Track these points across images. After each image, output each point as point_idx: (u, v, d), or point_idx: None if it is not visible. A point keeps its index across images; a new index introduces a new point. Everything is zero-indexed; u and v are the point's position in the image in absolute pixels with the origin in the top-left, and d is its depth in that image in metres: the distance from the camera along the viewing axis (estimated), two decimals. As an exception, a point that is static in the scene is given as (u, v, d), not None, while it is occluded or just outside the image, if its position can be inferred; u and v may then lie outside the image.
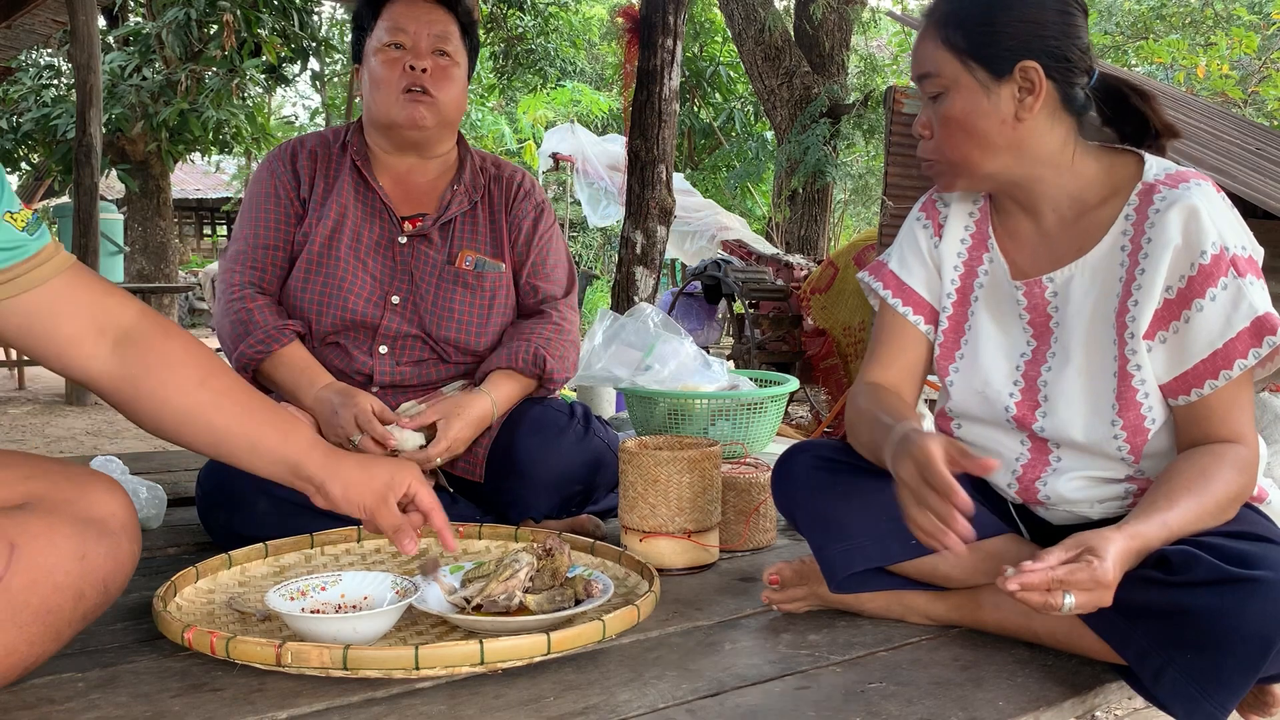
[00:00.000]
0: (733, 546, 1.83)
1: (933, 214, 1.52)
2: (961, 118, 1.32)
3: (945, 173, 1.39)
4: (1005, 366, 1.40)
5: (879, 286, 1.53)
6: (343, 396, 1.71)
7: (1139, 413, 1.29)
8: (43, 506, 1.09)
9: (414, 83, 1.80)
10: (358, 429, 1.67)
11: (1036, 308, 1.39)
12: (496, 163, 2.03)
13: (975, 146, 1.33)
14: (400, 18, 1.82)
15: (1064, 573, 1.09)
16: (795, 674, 1.26)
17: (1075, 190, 1.36)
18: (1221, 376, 1.24)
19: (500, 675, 1.21)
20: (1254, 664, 1.10)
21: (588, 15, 14.92)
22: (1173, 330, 1.26)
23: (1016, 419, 1.39)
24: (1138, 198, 1.30)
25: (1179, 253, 1.24)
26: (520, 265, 1.95)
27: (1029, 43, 1.29)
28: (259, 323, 1.76)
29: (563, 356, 1.89)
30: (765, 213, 12.16)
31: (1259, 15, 10.92)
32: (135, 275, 8.99)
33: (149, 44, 8.71)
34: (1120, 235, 1.31)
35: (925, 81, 1.36)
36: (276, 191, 1.87)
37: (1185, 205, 1.24)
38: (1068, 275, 1.36)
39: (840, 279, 4.86)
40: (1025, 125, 1.31)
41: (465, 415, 1.74)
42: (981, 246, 1.46)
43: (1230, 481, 1.22)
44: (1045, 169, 1.35)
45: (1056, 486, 1.37)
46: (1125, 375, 1.29)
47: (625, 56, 6.74)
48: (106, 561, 1.11)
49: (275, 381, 1.79)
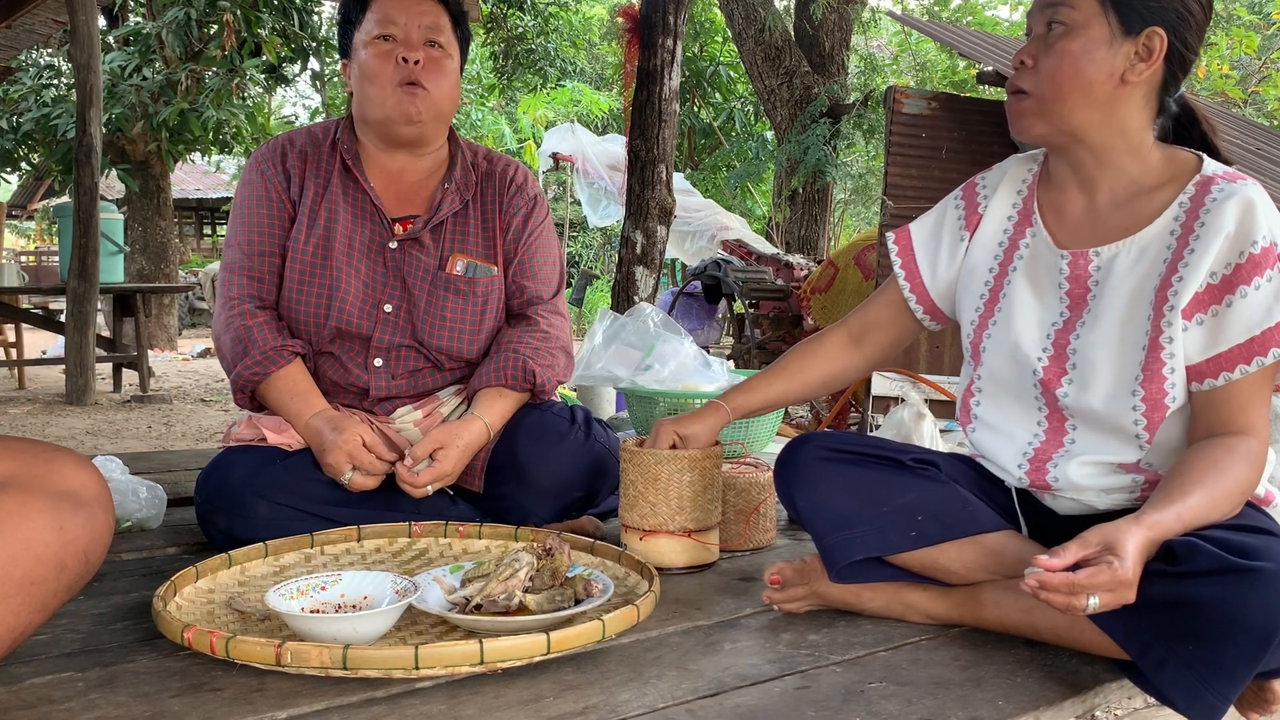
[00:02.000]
0: (733, 546, 1.83)
1: (971, 201, 1.54)
2: (1078, 56, 1.32)
3: (1030, 111, 1.38)
4: (1036, 334, 1.42)
5: (895, 254, 1.59)
6: (333, 429, 1.68)
7: (1161, 387, 1.30)
8: (14, 483, 1.10)
9: (407, 75, 1.77)
10: (350, 466, 1.66)
11: (1078, 279, 1.40)
12: (489, 157, 1.98)
13: (1075, 88, 1.33)
14: (390, 9, 1.78)
15: (1085, 576, 1.09)
16: (795, 674, 1.26)
17: (1136, 173, 1.38)
18: (1255, 363, 1.25)
19: (500, 675, 1.21)
20: (1255, 655, 1.10)
21: (588, 15, 14.91)
22: (1211, 314, 1.28)
23: (1043, 382, 1.39)
24: (1194, 188, 1.32)
25: (1230, 240, 1.26)
26: (509, 262, 1.92)
27: (1165, 13, 1.31)
28: (257, 342, 1.75)
29: (551, 364, 1.86)
30: (765, 213, 12.16)
31: (1259, 15, 10.93)
32: (135, 275, 8.98)
33: (149, 44, 8.70)
34: (1172, 220, 1.33)
35: (1054, 10, 1.34)
36: (268, 194, 1.84)
37: (1243, 197, 1.27)
38: (1114, 252, 1.37)
39: (840, 279, 4.86)
40: (1126, 90, 1.33)
41: (460, 444, 1.72)
42: (1026, 222, 1.48)
43: (1240, 474, 1.23)
44: (1121, 142, 1.36)
45: (1067, 470, 1.37)
46: (1156, 347, 1.30)
47: (625, 56, 6.75)
48: (85, 532, 1.12)
49: (270, 403, 1.78)
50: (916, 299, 1.57)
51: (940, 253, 1.55)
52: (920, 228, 1.59)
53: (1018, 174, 1.51)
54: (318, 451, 1.70)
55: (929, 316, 1.59)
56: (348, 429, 1.68)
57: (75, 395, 6.00)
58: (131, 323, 6.67)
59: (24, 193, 18.62)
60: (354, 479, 1.67)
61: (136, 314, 6.57)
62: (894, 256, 1.59)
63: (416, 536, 1.67)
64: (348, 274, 1.80)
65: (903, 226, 1.62)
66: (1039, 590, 1.10)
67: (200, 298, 13.34)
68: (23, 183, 17.09)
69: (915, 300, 1.57)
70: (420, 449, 1.70)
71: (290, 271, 1.81)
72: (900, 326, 1.62)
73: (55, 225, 9.69)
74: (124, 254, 7.04)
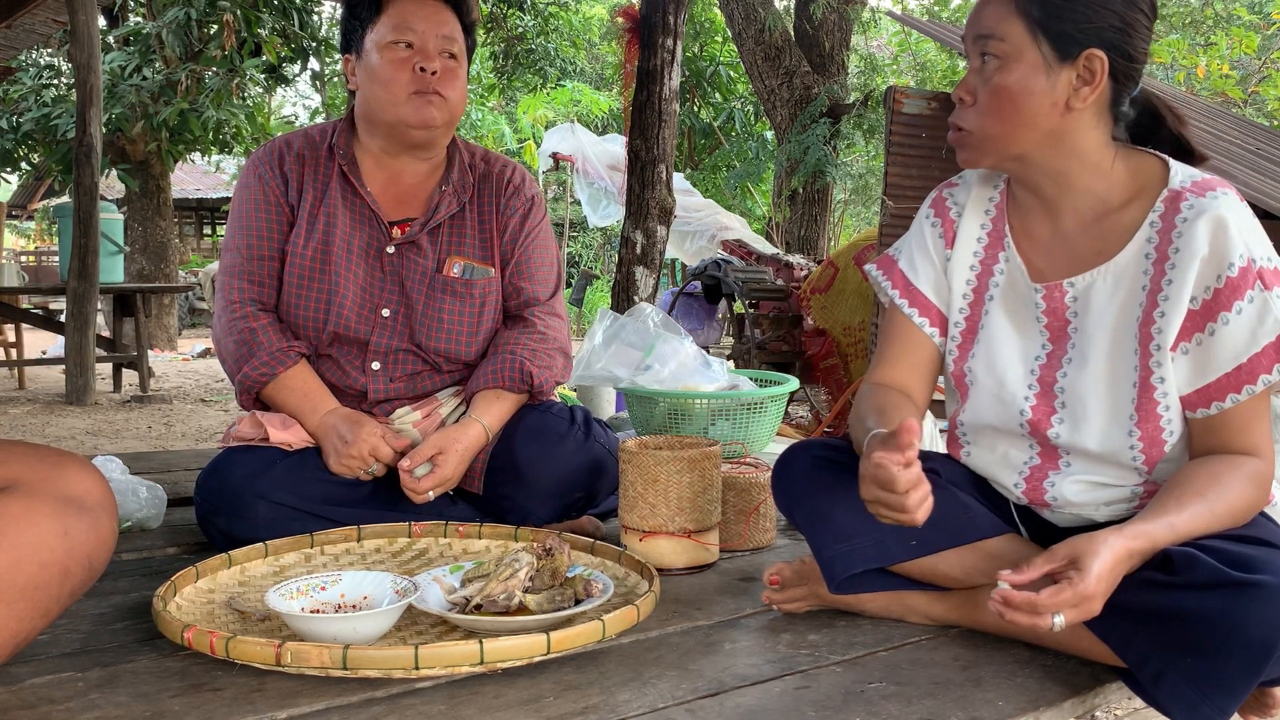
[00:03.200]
0: (733, 546, 1.83)
1: (944, 214, 1.48)
2: (1014, 90, 1.27)
3: (975, 146, 1.33)
4: (1020, 369, 1.38)
5: (887, 285, 1.50)
6: (351, 427, 1.72)
7: (1158, 424, 1.27)
8: (19, 488, 1.10)
9: (425, 85, 1.76)
10: (373, 460, 1.71)
11: (1055, 311, 1.36)
12: (486, 157, 1.96)
13: (1018, 124, 1.28)
14: (409, 16, 1.77)
15: (1047, 596, 1.10)
16: (795, 674, 1.26)
17: (1100, 190, 1.32)
18: (1245, 391, 1.22)
19: (500, 675, 1.21)
20: (1255, 669, 1.09)
21: (588, 15, 14.91)
22: (1196, 342, 1.24)
23: (1031, 422, 1.36)
24: (1163, 204, 1.27)
25: (1206, 264, 1.22)
26: (505, 263, 1.91)
27: (1102, 32, 1.24)
28: (263, 344, 1.75)
29: (548, 365, 1.85)
30: (765, 213, 12.16)
31: (1259, 15, 10.92)
32: (135, 275, 8.98)
33: (149, 44, 8.70)
34: (1145, 242, 1.28)
35: (984, 42, 1.29)
36: (266, 197, 1.83)
37: (1213, 216, 1.22)
38: (1089, 281, 1.32)
39: (840, 279, 4.86)
40: (1073, 115, 1.28)
41: (459, 448, 1.72)
42: (998, 245, 1.43)
43: (1242, 492, 1.21)
44: (1077, 165, 1.31)
45: (1063, 489, 1.36)
46: (1147, 386, 1.27)
47: (625, 56, 6.74)
48: (89, 537, 1.12)
49: (278, 404, 1.78)
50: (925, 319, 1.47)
51: (930, 265, 1.47)
52: (900, 253, 1.51)
53: (983, 193, 1.45)
54: (334, 448, 1.71)
55: (938, 330, 1.48)
56: (366, 423, 1.72)
57: (75, 395, 6.00)
58: (131, 323, 6.67)
59: (24, 193, 18.61)
60: (377, 470, 1.71)
61: (136, 314, 6.57)
62: (890, 290, 1.49)
63: (416, 536, 1.67)
64: (346, 278, 1.80)
65: (881, 259, 1.54)
66: (1004, 609, 1.11)
67: (200, 298, 13.34)
68: (23, 183, 17.08)
69: (928, 325, 1.47)
70: (420, 453, 1.70)
71: (289, 275, 1.81)
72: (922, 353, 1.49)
73: (55, 225, 9.69)
74: (124, 254, 7.04)
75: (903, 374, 1.47)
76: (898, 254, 1.52)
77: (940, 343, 1.48)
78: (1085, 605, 1.10)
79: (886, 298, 1.51)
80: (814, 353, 5.02)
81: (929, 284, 1.47)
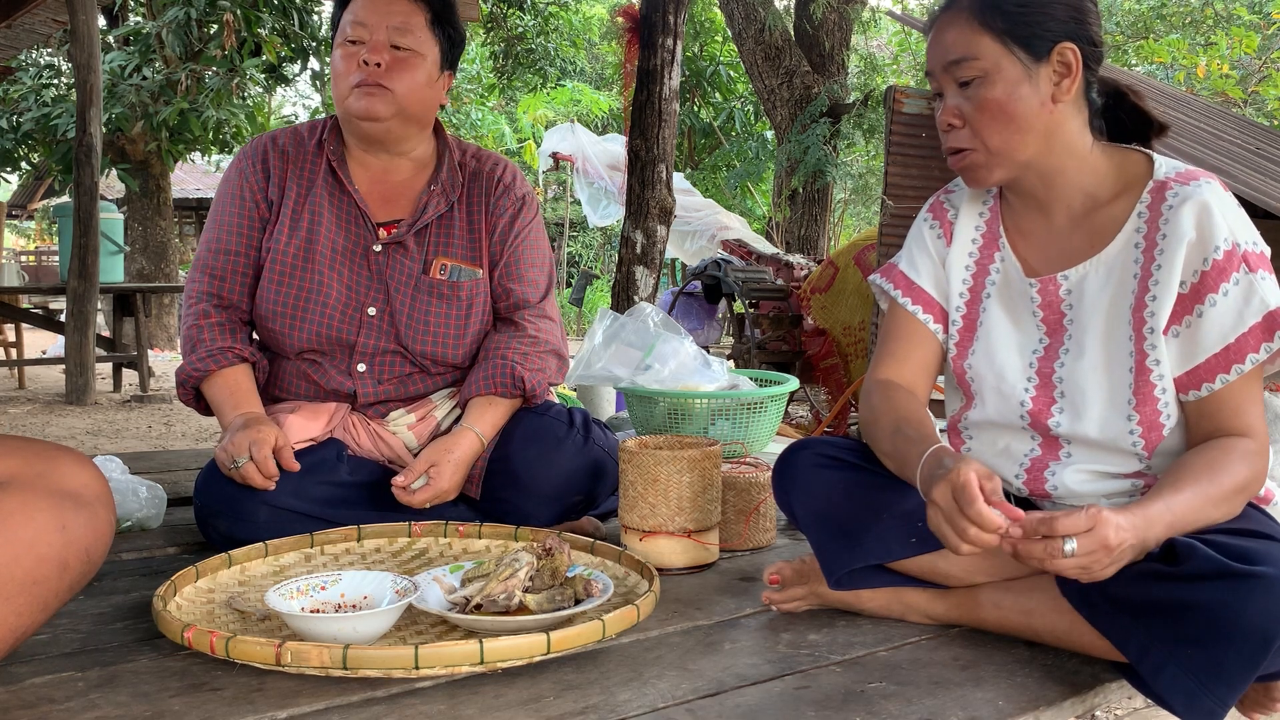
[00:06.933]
0: (733, 546, 1.83)
1: (941, 215, 1.52)
2: (1003, 101, 1.31)
3: (983, 164, 1.36)
4: (1019, 362, 1.41)
5: (889, 286, 1.53)
6: (245, 421, 1.68)
7: (1155, 408, 1.30)
8: (15, 483, 1.10)
9: (366, 77, 1.74)
10: (247, 453, 1.62)
11: (1050, 305, 1.39)
12: (478, 155, 1.93)
13: (1016, 131, 1.32)
14: (360, 10, 1.75)
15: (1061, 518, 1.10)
16: (795, 674, 1.26)
17: (1089, 185, 1.37)
18: (1233, 371, 1.25)
19: (500, 675, 1.21)
20: (1254, 660, 1.10)
21: (588, 15, 14.91)
22: (1185, 325, 1.27)
23: (1032, 414, 1.38)
24: (1150, 195, 1.31)
25: (1193, 248, 1.26)
26: (495, 264, 1.89)
27: (1064, 25, 1.31)
28: (204, 340, 1.76)
29: (540, 369, 1.84)
30: (765, 213, 12.16)
31: (1259, 15, 10.91)
32: (135, 275, 8.99)
33: (149, 44, 8.69)
34: (1134, 232, 1.32)
35: (959, 66, 1.33)
36: (242, 193, 1.83)
37: (1198, 201, 1.26)
38: (1082, 273, 1.36)
39: (840, 279, 4.85)
40: (1059, 110, 1.32)
41: (452, 459, 1.71)
42: (993, 245, 1.46)
43: (1238, 474, 1.23)
44: (1068, 159, 1.35)
45: (1064, 479, 1.37)
46: (1143, 370, 1.30)
47: (625, 56, 6.74)
48: (87, 531, 1.12)
49: (210, 402, 1.79)
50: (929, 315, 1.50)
51: (930, 265, 1.50)
52: (900, 257, 1.54)
53: (978, 194, 1.49)
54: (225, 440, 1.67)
55: (942, 327, 1.51)
56: (263, 428, 1.66)
57: (75, 395, 6.00)
58: (131, 322, 6.67)
59: (24, 193, 18.60)
60: (246, 467, 1.62)
61: (136, 314, 6.57)
62: (892, 291, 1.51)
63: (416, 536, 1.67)
64: (330, 278, 1.79)
65: (884, 266, 1.56)
66: (1017, 543, 1.11)
67: (200, 297, 13.29)
68: (23, 183, 17.06)
69: (932, 320, 1.50)
70: (414, 469, 1.69)
71: (270, 272, 1.80)
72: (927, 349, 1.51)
73: (55, 225, 9.69)
74: (124, 254, 7.04)
75: (908, 370, 1.49)
76: (898, 259, 1.55)
77: (943, 338, 1.50)
78: (1100, 530, 1.09)
79: (888, 299, 1.53)
80: (814, 352, 5.02)
81: (930, 280, 1.50)
